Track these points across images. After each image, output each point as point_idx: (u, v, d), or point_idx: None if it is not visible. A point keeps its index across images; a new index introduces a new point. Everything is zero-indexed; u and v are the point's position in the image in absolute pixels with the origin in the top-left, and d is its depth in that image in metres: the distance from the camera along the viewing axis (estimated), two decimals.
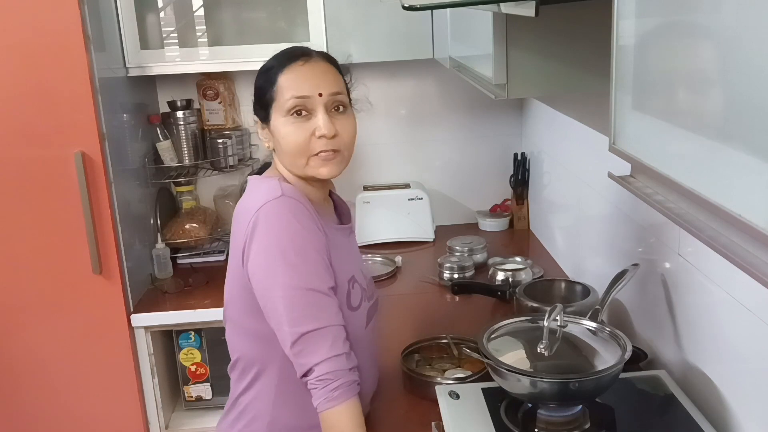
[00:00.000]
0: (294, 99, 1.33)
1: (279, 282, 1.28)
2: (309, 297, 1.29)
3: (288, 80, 1.35)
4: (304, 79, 1.35)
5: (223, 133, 2.70)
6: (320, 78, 1.36)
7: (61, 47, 2.09)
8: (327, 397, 1.26)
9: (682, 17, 0.71)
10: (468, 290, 2.22)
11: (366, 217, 2.73)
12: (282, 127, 1.35)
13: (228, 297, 1.44)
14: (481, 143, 2.88)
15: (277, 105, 1.36)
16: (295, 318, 1.28)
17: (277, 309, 1.29)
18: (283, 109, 1.35)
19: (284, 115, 1.35)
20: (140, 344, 2.34)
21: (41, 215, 2.19)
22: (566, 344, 1.40)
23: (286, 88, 1.34)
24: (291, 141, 1.35)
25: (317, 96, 1.34)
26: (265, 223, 1.30)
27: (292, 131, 1.34)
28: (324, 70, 1.38)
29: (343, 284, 1.38)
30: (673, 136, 0.74)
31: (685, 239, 1.46)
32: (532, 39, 1.51)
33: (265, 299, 1.31)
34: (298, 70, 1.36)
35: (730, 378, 1.33)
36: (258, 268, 1.31)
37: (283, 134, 1.35)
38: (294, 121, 1.34)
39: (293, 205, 1.32)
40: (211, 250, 2.69)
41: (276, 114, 1.36)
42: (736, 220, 0.61)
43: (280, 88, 1.35)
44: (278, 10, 2.61)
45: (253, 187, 1.41)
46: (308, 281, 1.29)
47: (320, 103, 1.34)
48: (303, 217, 1.32)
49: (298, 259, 1.29)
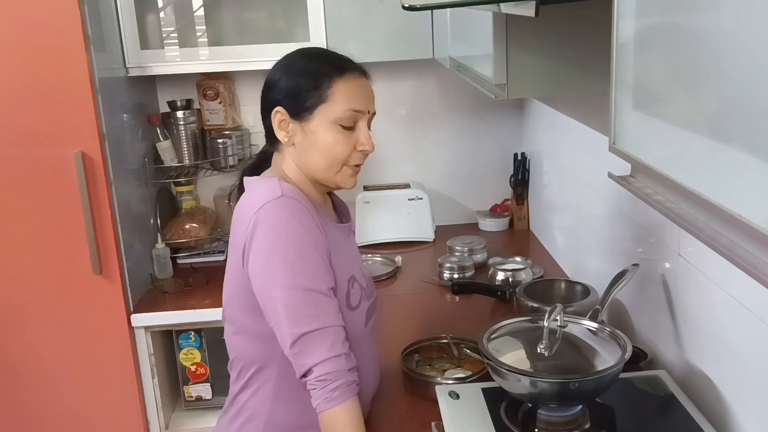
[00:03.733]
0: (351, 111, 1.36)
1: (279, 282, 1.28)
2: (308, 297, 1.29)
3: (347, 91, 1.36)
4: (364, 94, 1.39)
5: (223, 133, 2.70)
6: (371, 96, 1.42)
7: (61, 47, 2.09)
8: (326, 398, 1.26)
9: (681, 17, 0.71)
10: (468, 290, 2.22)
11: (366, 217, 2.73)
12: (326, 133, 1.36)
13: (227, 297, 1.44)
14: (481, 143, 2.88)
15: (327, 109, 1.35)
16: (294, 318, 1.28)
17: (276, 309, 1.29)
18: (333, 116, 1.35)
19: (333, 122, 1.36)
20: (140, 344, 2.34)
21: (41, 215, 2.19)
22: (566, 344, 1.40)
23: (345, 98, 1.36)
24: (335, 150, 1.36)
25: (367, 113, 1.39)
26: (266, 223, 1.30)
27: (339, 140, 1.36)
28: (371, 88, 1.43)
29: (343, 283, 1.38)
30: (673, 136, 0.74)
31: (685, 239, 1.46)
32: (532, 39, 1.51)
33: (264, 299, 1.31)
34: (357, 83, 1.38)
35: (730, 378, 1.33)
36: (258, 268, 1.31)
37: (327, 140, 1.36)
38: (341, 131, 1.36)
39: (293, 205, 1.32)
40: (211, 250, 2.69)
41: (322, 117, 1.36)
42: (736, 220, 0.61)
43: (334, 95, 1.35)
44: (278, 10, 2.61)
45: (252, 188, 1.40)
46: (308, 281, 1.29)
47: (365, 119, 1.39)
48: (303, 217, 1.32)
49: (298, 260, 1.29)
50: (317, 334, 1.28)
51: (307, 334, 1.27)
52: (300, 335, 1.27)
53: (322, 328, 1.28)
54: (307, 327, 1.27)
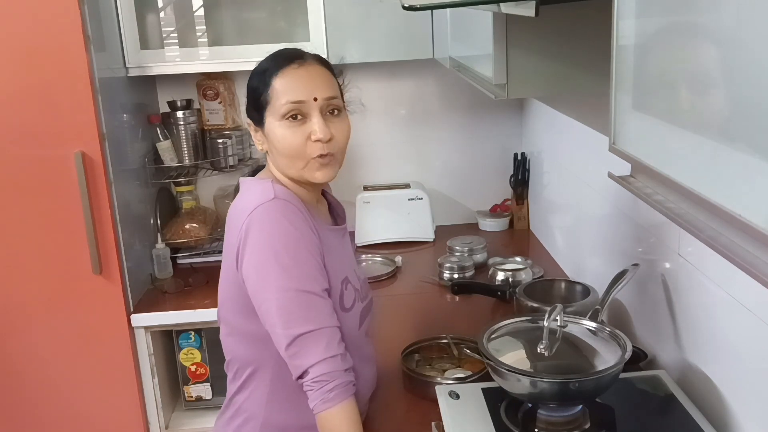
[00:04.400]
0: (290, 104, 1.33)
1: (272, 284, 1.29)
2: (303, 299, 1.29)
3: (283, 84, 1.34)
4: (300, 83, 1.34)
5: (223, 133, 2.70)
6: (316, 82, 1.35)
7: (61, 47, 2.09)
8: (323, 399, 1.26)
9: (682, 17, 0.71)
10: (468, 290, 2.22)
11: (366, 217, 2.73)
12: (277, 130, 1.35)
13: (222, 298, 1.44)
14: (481, 143, 2.88)
15: (272, 108, 1.35)
16: (289, 320, 1.28)
17: (270, 311, 1.29)
18: (278, 113, 1.34)
19: (279, 119, 1.34)
20: (140, 344, 2.34)
21: (41, 215, 2.19)
22: (566, 344, 1.40)
23: (282, 92, 1.34)
24: (287, 145, 1.34)
25: (312, 100, 1.34)
26: (258, 225, 1.30)
27: (287, 135, 1.34)
28: (319, 73, 1.37)
29: (336, 285, 1.38)
30: (673, 136, 0.74)
31: (685, 239, 1.46)
32: (532, 39, 1.51)
33: (259, 301, 1.31)
34: (293, 74, 1.35)
35: (730, 378, 1.33)
36: (252, 270, 1.31)
37: (279, 138, 1.35)
38: (290, 125, 1.34)
39: (286, 208, 1.32)
40: (211, 250, 2.69)
41: (271, 117, 1.36)
42: (736, 220, 0.61)
43: (275, 92, 1.34)
44: (278, 10, 2.61)
45: (246, 189, 1.41)
46: (302, 283, 1.29)
47: (316, 108, 1.34)
48: (296, 219, 1.32)
49: (291, 261, 1.29)
50: (312, 336, 1.27)
51: (303, 335, 1.27)
52: (295, 337, 1.27)
53: (317, 329, 1.28)
54: (302, 328, 1.27)
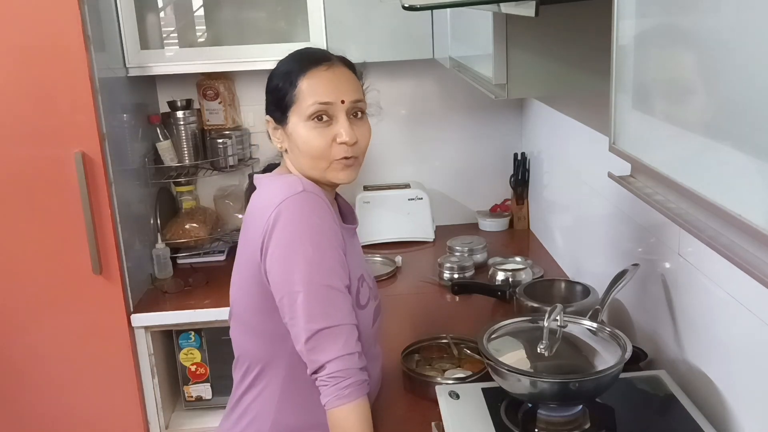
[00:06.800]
0: (317, 105, 1.34)
1: (298, 277, 1.28)
2: (326, 293, 1.29)
3: (311, 85, 1.35)
4: (328, 85, 1.35)
5: (223, 133, 2.70)
6: (343, 85, 1.36)
7: (61, 47, 2.09)
8: (337, 395, 1.26)
9: (681, 17, 0.71)
10: (468, 290, 2.22)
11: (366, 217, 2.73)
12: (303, 131, 1.35)
13: (236, 294, 1.43)
14: (481, 143, 2.88)
15: (298, 109, 1.35)
16: (310, 314, 1.27)
17: (294, 305, 1.28)
18: (304, 114, 1.35)
19: (305, 119, 1.35)
20: (140, 344, 2.34)
21: (41, 215, 2.19)
22: (566, 344, 1.40)
23: (309, 94, 1.34)
24: (312, 146, 1.35)
25: (339, 103, 1.35)
26: (286, 217, 1.29)
27: (314, 136, 1.34)
28: (346, 76, 1.39)
29: (354, 282, 1.38)
30: (673, 136, 0.74)
31: (685, 239, 1.46)
32: (532, 39, 1.51)
33: (281, 294, 1.30)
34: (321, 76, 1.36)
35: (730, 378, 1.33)
36: (277, 262, 1.30)
37: (304, 139, 1.35)
38: (315, 126, 1.34)
39: (314, 201, 1.32)
40: (211, 250, 2.69)
41: (296, 117, 1.36)
42: (736, 220, 0.61)
43: (301, 93, 1.35)
44: (278, 10, 2.61)
45: (266, 184, 1.40)
46: (327, 278, 1.29)
47: (342, 110, 1.35)
48: (323, 213, 1.32)
49: (317, 255, 1.29)
50: (332, 331, 1.27)
51: (322, 330, 1.27)
52: (315, 331, 1.27)
53: (337, 325, 1.28)
54: (323, 323, 1.27)
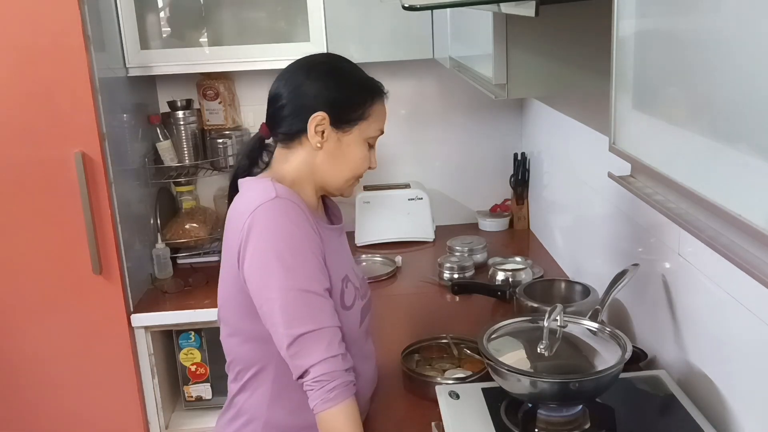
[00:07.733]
0: (379, 132, 1.46)
1: (275, 284, 1.29)
2: (304, 298, 1.29)
3: (380, 112, 1.45)
4: (385, 117, 1.48)
5: (223, 133, 2.70)
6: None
7: (61, 47, 2.09)
8: (323, 399, 1.26)
9: (682, 17, 0.71)
10: (468, 290, 2.22)
11: (366, 217, 2.73)
12: (358, 148, 1.43)
13: (222, 299, 1.44)
14: (481, 143, 2.88)
15: (365, 127, 1.42)
16: (290, 320, 1.28)
17: (272, 311, 1.29)
18: (366, 134, 1.43)
19: (365, 138, 1.43)
20: (140, 344, 2.34)
21: (41, 215, 2.19)
22: (566, 344, 1.40)
23: (377, 119, 1.44)
24: (361, 166, 1.45)
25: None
26: (261, 224, 1.30)
27: (365, 157, 1.45)
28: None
29: (337, 283, 1.38)
30: (673, 136, 0.74)
31: (685, 239, 1.46)
32: (532, 39, 1.51)
33: (261, 301, 1.31)
34: (384, 106, 1.47)
35: (730, 378, 1.33)
36: (254, 269, 1.31)
37: (358, 156, 1.43)
38: (367, 148, 1.45)
39: (288, 207, 1.32)
40: (211, 250, 2.69)
41: (359, 133, 1.42)
42: (736, 220, 0.61)
43: (373, 114, 1.43)
44: (278, 10, 2.61)
45: (246, 189, 1.40)
46: (303, 283, 1.29)
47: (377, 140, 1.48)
48: (298, 218, 1.32)
49: (293, 261, 1.29)
50: (313, 335, 1.28)
51: (304, 335, 1.27)
52: (296, 336, 1.27)
53: (318, 329, 1.28)
54: (304, 328, 1.27)
